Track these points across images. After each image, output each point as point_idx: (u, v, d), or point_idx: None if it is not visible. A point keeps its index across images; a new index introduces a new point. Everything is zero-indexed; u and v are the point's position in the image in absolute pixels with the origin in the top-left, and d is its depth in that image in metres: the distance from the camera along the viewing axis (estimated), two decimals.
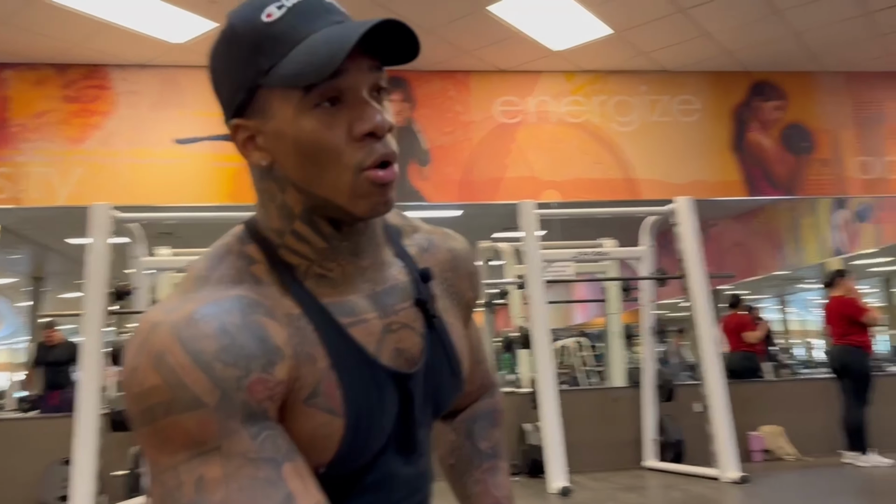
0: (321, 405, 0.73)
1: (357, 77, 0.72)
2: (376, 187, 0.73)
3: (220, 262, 0.76)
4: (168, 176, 6.08)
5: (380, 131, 0.72)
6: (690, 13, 5.80)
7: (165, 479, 0.66)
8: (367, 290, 0.81)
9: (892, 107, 7.04)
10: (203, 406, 0.65)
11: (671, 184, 6.57)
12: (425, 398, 0.84)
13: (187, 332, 0.67)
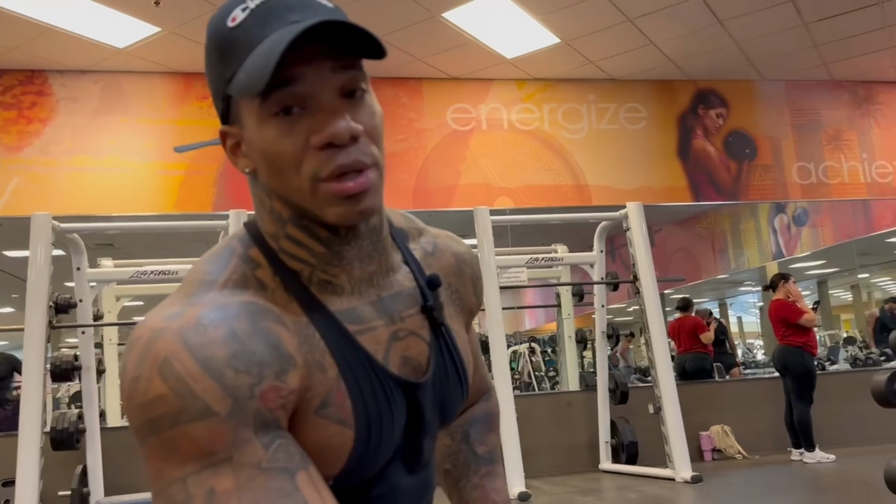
0: (332, 416, 0.70)
1: (316, 82, 0.68)
2: (337, 198, 0.69)
3: (225, 265, 0.73)
4: (111, 185, 5.90)
5: (339, 140, 0.67)
6: (636, 23, 5.92)
7: (172, 493, 0.62)
8: (372, 295, 0.78)
9: (828, 114, 7.31)
10: (214, 415, 0.62)
11: (620, 190, 6.68)
12: (432, 408, 0.82)
13: (195, 338, 0.64)
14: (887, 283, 18.97)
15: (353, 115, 0.69)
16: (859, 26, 6.19)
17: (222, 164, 6.09)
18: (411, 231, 0.90)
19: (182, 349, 0.63)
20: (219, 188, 6.05)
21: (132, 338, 0.67)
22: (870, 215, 8.93)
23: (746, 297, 17.29)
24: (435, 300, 0.84)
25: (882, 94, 7.45)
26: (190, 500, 0.61)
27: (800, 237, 10.37)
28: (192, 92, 6.16)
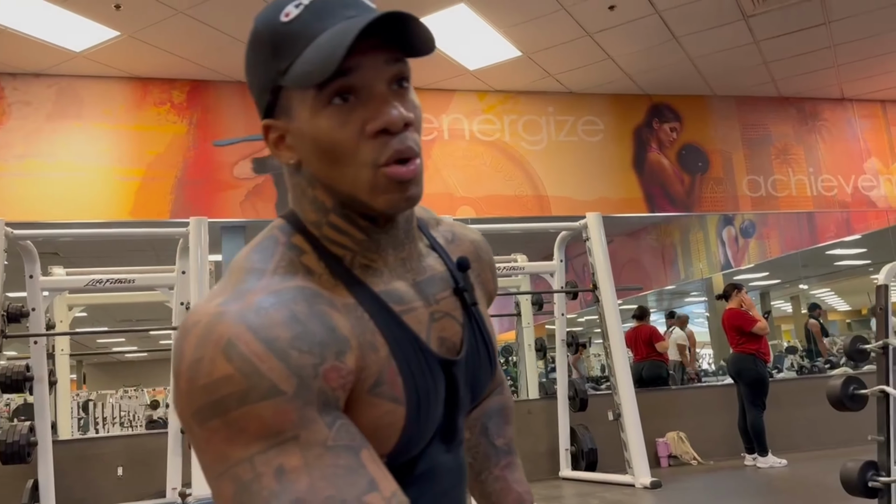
0: (385, 394, 0.72)
1: (371, 72, 0.71)
2: (394, 183, 0.72)
3: (272, 253, 0.74)
4: (64, 191, 5.74)
5: (394, 127, 0.71)
6: (595, 38, 6.05)
7: (239, 473, 0.62)
8: (409, 279, 0.81)
9: (777, 130, 7.57)
10: (281, 394, 0.63)
11: (578, 201, 6.80)
12: (466, 385, 0.84)
13: (257, 321, 0.65)
14: (826, 294, 19.65)
15: (402, 105, 0.72)
16: (807, 45, 6.45)
17: (180, 170, 6.00)
18: (430, 221, 0.93)
19: (245, 331, 0.64)
20: (177, 195, 5.95)
21: (186, 324, 0.67)
22: (814, 228, 9.25)
23: (693, 308, 17.71)
24: (466, 282, 0.87)
25: (827, 110, 7.75)
26: (260, 479, 0.62)
27: (747, 249, 10.68)
28: (150, 97, 6.06)
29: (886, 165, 7.84)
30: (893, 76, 7.31)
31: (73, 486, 5.11)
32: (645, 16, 5.72)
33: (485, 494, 1.02)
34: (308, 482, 0.62)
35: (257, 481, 0.62)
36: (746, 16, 5.84)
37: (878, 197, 7.77)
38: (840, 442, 6.13)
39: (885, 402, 3.55)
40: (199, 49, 5.69)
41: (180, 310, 5.06)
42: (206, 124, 6.14)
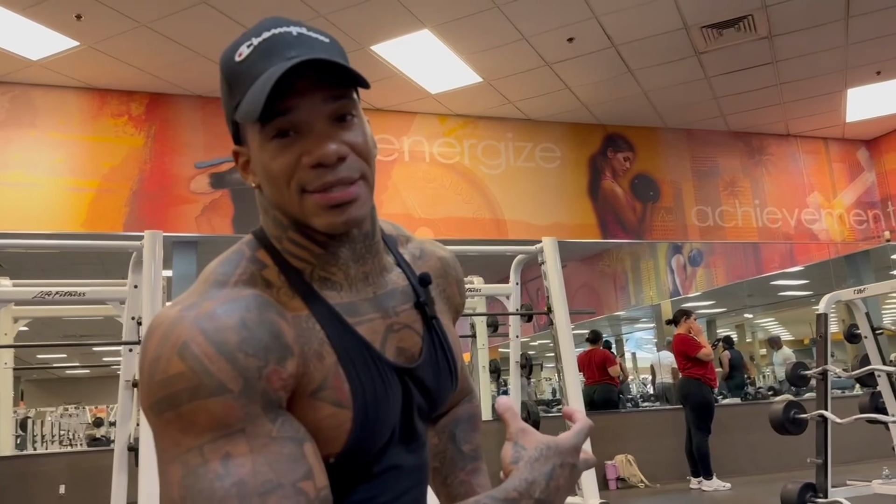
0: (328, 398, 0.77)
1: (308, 112, 0.77)
2: (324, 208, 0.78)
3: (235, 266, 0.81)
4: (16, 201, 5.62)
5: (327, 161, 0.76)
6: (554, 68, 6.21)
7: (188, 459, 0.69)
8: (369, 293, 0.86)
9: (724, 162, 7.84)
10: (228, 392, 0.69)
11: (535, 225, 6.92)
12: (425, 393, 0.90)
13: (210, 325, 0.72)
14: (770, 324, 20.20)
15: (343, 137, 0.78)
16: (755, 83, 6.72)
17: (136, 182, 5.93)
18: (400, 238, 0.99)
19: (199, 334, 0.71)
20: (131, 208, 5.87)
21: (151, 326, 0.74)
22: (759, 258, 9.56)
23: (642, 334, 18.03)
24: (427, 296, 0.93)
25: (773, 145, 8.06)
26: (206, 463, 0.68)
27: (695, 277, 10.96)
28: (107, 109, 5.99)
29: (828, 200, 8.17)
30: (835, 115, 7.65)
31: (14, 501, 4.96)
32: (602, 49, 5.90)
33: (450, 497, 1.06)
34: (251, 467, 0.68)
35: (204, 466, 0.68)
36: (699, 52, 6.07)
37: (820, 230, 8.08)
38: (781, 466, 6.32)
39: (824, 425, 3.71)
40: (160, 62, 5.67)
41: (131, 324, 4.97)
42: (164, 138, 6.09)
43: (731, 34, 5.79)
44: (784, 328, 21.02)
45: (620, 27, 5.59)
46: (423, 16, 5.23)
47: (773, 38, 5.92)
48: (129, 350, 4.86)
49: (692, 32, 5.74)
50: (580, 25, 5.51)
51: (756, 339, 19.82)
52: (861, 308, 4.16)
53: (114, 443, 5.45)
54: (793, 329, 20.89)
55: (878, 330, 4.08)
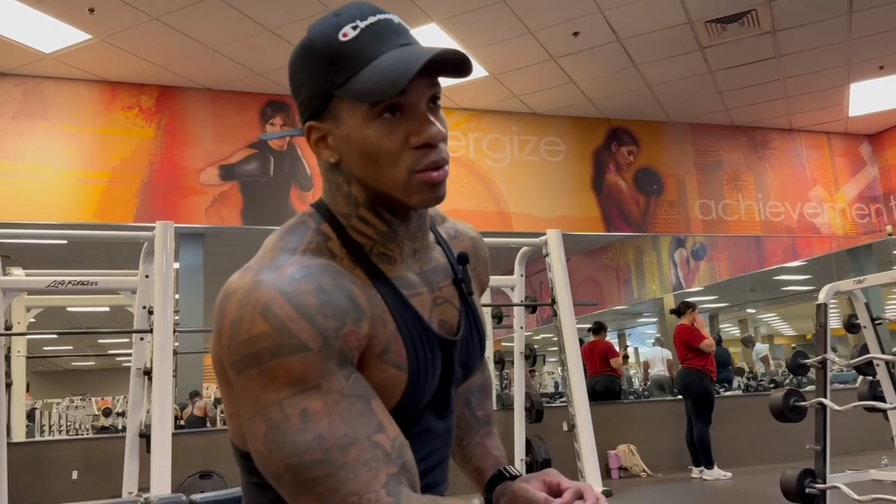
0: (391, 360, 0.85)
1: (417, 94, 0.84)
2: (427, 185, 0.85)
3: (302, 236, 0.88)
4: (28, 192, 5.71)
5: (434, 141, 0.85)
6: (560, 62, 6.27)
7: (270, 413, 0.76)
8: (416, 268, 0.95)
9: (728, 156, 7.90)
10: (308, 350, 0.76)
11: (539, 218, 6.99)
12: (461, 364, 0.98)
13: (290, 288, 0.78)
14: (772, 319, 20.24)
15: (437, 122, 0.86)
16: (759, 77, 6.77)
17: (146, 174, 6.01)
18: (437, 217, 1.07)
19: (280, 297, 0.77)
20: (142, 199, 5.96)
21: (228, 289, 0.81)
22: (762, 252, 9.63)
23: (644, 329, 18.09)
24: (465, 274, 1.01)
25: (776, 140, 8.11)
26: (287, 418, 0.75)
27: (697, 271, 11.03)
28: (118, 101, 6.07)
29: (830, 194, 8.23)
30: (838, 109, 7.70)
31: (26, 489, 5.05)
32: (607, 43, 5.96)
33: (465, 458, 1.15)
34: (328, 422, 0.76)
35: (285, 420, 0.75)
36: (703, 47, 6.13)
37: (822, 224, 8.14)
38: (782, 457, 6.39)
39: (823, 413, 3.77)
40: (171, 55, 5.74)
41: (142, 313, 5.05)
42: (173, 130, 6.17)
43: (734, 29, 5.85)
44: (786, 323, 21.07)
45: (625, 21, 5.65)
46: (431, 10, 5.30)
47: (776, 33, 5.98)
48: (140, 339, 4.96)
49: (696, 27, 5.80)
50: (585, 20, 5.57)
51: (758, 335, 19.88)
52: (861, 298, 4.22)
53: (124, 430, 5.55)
54: (795, 324, 20.94)
55: (877, 320, 4.14)
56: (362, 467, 0.75)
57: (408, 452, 0.81)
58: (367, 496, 0.74)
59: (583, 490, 1.00)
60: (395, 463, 0.78)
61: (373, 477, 0.75)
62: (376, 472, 0.76)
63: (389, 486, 0.76)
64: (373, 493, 0.75)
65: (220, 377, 0.85)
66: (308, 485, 0.75)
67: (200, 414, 8.04)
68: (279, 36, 5.41)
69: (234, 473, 0.95)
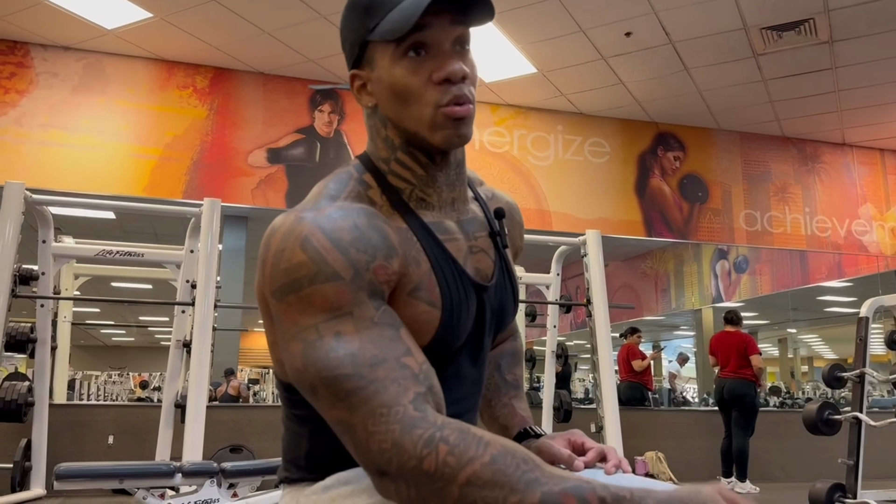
0: (423, 297, 0.90)
1: (439, 31, 0.90)
2: (450, 121, 0.91)
3: (345, 184, 0.94)
4: (83, 163, 5.89)
5: (454, 77, 0.90)
6: (610, 62, 6.24)
7: (307, 335, 0.82)
8: (454, 217, 0.99)
9: (776, 167, 7.77)
10: (340, 279, 0.82)
11: (579, 218, 6.97)
12: (493, 312, 1.02)
13: (328, 224, 0.85)
14: (813, 340, 19.78)
15: (462, 62, 0.91)
16: (813, 88, 6.65)
17: (196, 153, 6.15)
18: (476, 180, 1.13)
19: (318, 231, 0.84)
20: (191, 177, 6.10)
21: (274, 225, 0.88)
22: (806, 268, 9.44)
23: (681, 342, 17.84)
24: (501, 228, 1.06)
25: (827, 153, 7.96)
26: (322, 338, 0.81)
27: (739, 284, 10.85)
28: (174, 80, 6.23)
29: (881, 212, 8.05)
30: (894, 126, 7.52)
31: (63, 449, 5.21)
32: (659, 45, 5.92)
33: (493, 417, 1.18)
34: (359, 344, 0.81)
35: (320, 340, 0.81)
36: (757, 54, 6.05)
37: (870, 242, 7.97)
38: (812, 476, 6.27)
39: (858, 428, 3.71)
40: (227, 37, 5.87)
41: (185, 287, 5.19)
42: (225, 111, 6.30)
43: (790, 37, 5.76)
44: (827, 345, 20.59)
45: (679, 24, 5.61)
46: None
47: (833, 44, 5.87)
48: (182, 311, 5.09)
49: (751, 33, 5.73)
50: (639, 20, 5.54)
51: (798, 355, 19.47)
52: None
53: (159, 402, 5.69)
54: (836, 347, 20.46)
55: None
56: (391, 384, 0.80)
57: (434, 378, 0.85)
58: (396, 408, 0.79)
59: (606, 451, 1.02)
60: (422, 384, 0.82)
61: (401, 392, 0.80)
62: (404, 388, 0.80)
63: (417, 402, 0.80)
64: (401, 407, 0.79)
65: (265, 310, 0.90)
66: (341, 396, 0.80)
67: (234, 393, 8.20)
68: (332, 23, 5.48)
69: (264, 449, 0.99)
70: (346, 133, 6.49)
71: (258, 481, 3.69)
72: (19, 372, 7.61)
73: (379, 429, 0.78)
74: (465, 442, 0.78)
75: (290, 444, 0.99)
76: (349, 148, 6.47)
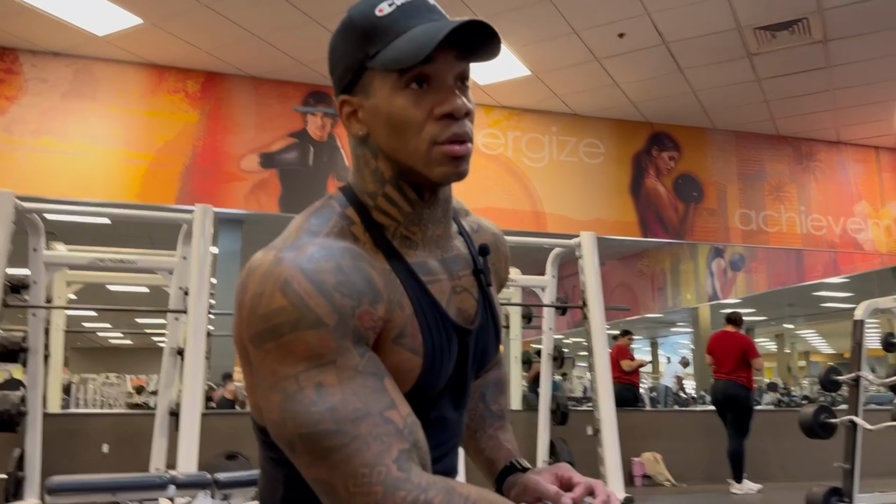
0: (406, 344, 0.87)
1: (444, 66, 0.86)
2: (448, 158, 0.87)
3: (327, 219, 0.90)
4: (74, 169, 5.85)
5: (458, 113, 0.86)
6: (604, 63, 6.22)
7: (286, 386, 0.78)
8: (438, 255, 0.96)
9: (771, 167, 7.76)
10: (324, 326, 0.78)
11: (574, 220, 6.94)
12: (474, 355, 0.99)
13: (309, 266, 0.80)
14: (810, 335, 19.82)
15: (464, 99, 0.88)
16: (807, 87, 6.64)
17: (189, 158, 6.12)
18: (461, 211, 1.09)
19: (299, 273, 0.79)
20: (184, 182, 6.07)
21: (251, 265, 0.83)
22: (802, 266, 9.44)
23: (678, 339, 17.85)
24: (485, 265, 1.02)
25: (822, 152, 7.95)
26: (302, 391, 0.77)
27: (735, 282, 10.86)
28: (165, 85, 6.19)
29: (876, 210, 8.04)
30: (888, 124, 7.51)
31: (58, 459, 5.18)
32: (653, 46, 5.90)
33: (478, 450, 1.15)
34: (341, 396, 0.77)
35: (300, 392, 0.77)
36: (751, 54, 6.03)
37: (865, 240, 7.96)
38: (810, 475, 6.26)
39: (853, 431, 3.70)
40: (218, 42, 5.83)
41: (178, 294, 5.15)
42: (217, 116, 6.27)
43: (784, 37, 5.74)
44: (824, 340, 20.62)
45: (672, 24, 5.59)
46: (476, 6, 5.29)
47: (827, 43, 5.85)
48: (175, 318, 5.05)
49: (745, 33, 5.70)
50: (632, 21, 5.52)
51: (795, 351, 19.50)
52: None
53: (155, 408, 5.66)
54: (833, 342, 20.49)
55: None
56: (374, 440, 0.76)
57: (419, 431, 0.82)
58: (378, 469, 0.76)
59: (594, 486, 0.99)
60: (406, 440, 0.79)
61: (384, 450, 0.77)
62: (388, 446, 0.77)
63: (400, 461, 0.77)
64: (384, 467, 0.76)
65: (241, 353, 0.87)
66: (321, 454, 0.76)
67: (231, 397, 8.17)
68: (325, 27, 5.45)
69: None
70: (339, 137, 6.45)
71: (252, 491, 3.67)
72: (15, 379, 7.59)
73: (361, 489, 0.75)
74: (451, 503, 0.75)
75: (267, 487, 0.96)
76: (343, 152, 6.43)
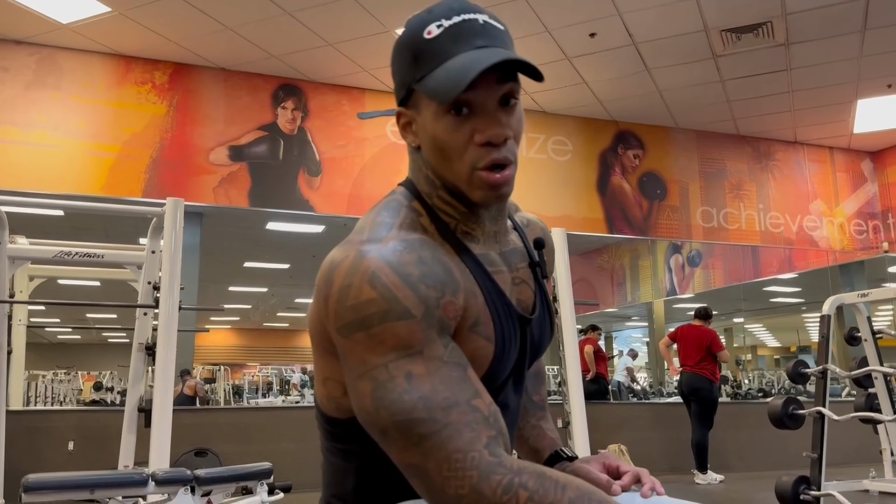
0: (482, 332, 0.90)
1: (485, 93, 0.88)
2: (488, 185, 0.90)
3: (397, 212, 0.93)
4: (37, 161, 5.70)
5: (496, 140, 0.88)
6: (573, 62, 6.30)
7: (376, 375, 0.81)
8: (497, 248, 1.00)
9: (732, 165, 7.97)
10: (412, 317, 0.81)
11: (543, 216, 6.99)
12: (532, 344, 1.02)
13: (394, 259, 0.84)
14: (758, 330, 20.39)
15: (507, 120, 0.90)
16: (768, 88, 6.83)
17: (156, 150, 6.01)
18: (513, 207, 1.13)
19: (385, 266, 0.82)
20: (150, 175, 5.96)
21: (335, 259, 0.85)
22: (758, 262, 9.70)
23: (632, 332, 18.18)
24: (541, 258, 1.07)
25: (780, 151, 8.19)
26: (393, 379, 0.80)
27: (692, 277, 11.10)
28: (132, 76, 6.06)
29: (830, 208, 8.32)
30: (843, 125, 7.78)
31: (20, 457, 5.05)
32: (622, 46, 6.00)
33: (522, 439, 1.20)
34: (431, 385, 0.80)
35: (391, 381, 0.80)
36: (716, 55, 6.18)
37: (820, 237, 8.24)
38: (771, 464, 6.48)
39: (821, 422, 3.84)
40: (188, 33, 5.74)
41: (147, 289, 5.07)
42: (185, 107, 6.17)
43: (749, 39, 5.90)
44: (771, 334, 21.23)
45: (643, 25, 5.69)
46: None
47: (789, 46, 6.04)
48: (144, 314, 4.96)
49: (712, 35, 5.85)
50: (603, 21, 5.61)
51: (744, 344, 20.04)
52: (864, 312, 4.30)
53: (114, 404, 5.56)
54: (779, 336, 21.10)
55: (877, 334, 4.22)
56: (465, 428, 0.79)
57: (501, 419, 0.85)
58: (472, 454, 0.79)
59: (641, 475, 1.04)
60: (492, 427, 0.82)
61: (475, 437, 0.80)
62: (478, 433, 0.80)
63: (491, 446, 0.80)
64: (476, 452, 0.79)
65: (320, 343, 0.89)
66: (414, 441, 0.79)
67: (190, 393, 8.05)
68: (297, 19, 5.41)
69: (229, 452, 0.97)
70: (310, 130, 6.40)
71: (232, 488, 3.64)
72: None
73: (455, 473, 0.78)
74: (544, 487, 0.78)
75: (334, 478, 0.98)
76: (314, 146, 6.39)
